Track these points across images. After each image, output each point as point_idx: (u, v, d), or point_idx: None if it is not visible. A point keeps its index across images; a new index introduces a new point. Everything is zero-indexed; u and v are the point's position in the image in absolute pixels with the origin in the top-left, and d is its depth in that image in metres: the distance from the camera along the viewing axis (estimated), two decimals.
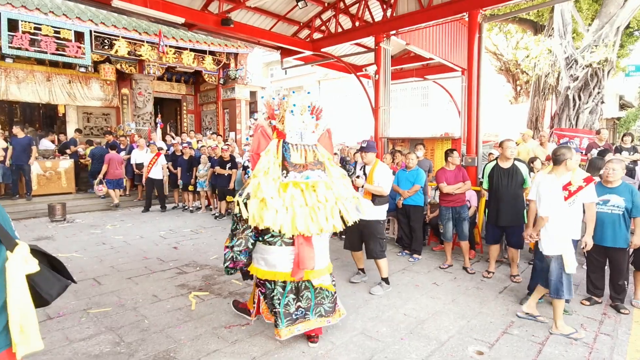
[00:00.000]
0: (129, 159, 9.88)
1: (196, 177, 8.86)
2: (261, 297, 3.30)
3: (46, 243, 6.32)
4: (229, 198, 8.15)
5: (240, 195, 3.07)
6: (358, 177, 4.54)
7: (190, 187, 9.05)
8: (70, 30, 9.42)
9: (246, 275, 3.42)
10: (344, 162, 6.41)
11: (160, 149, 9.49)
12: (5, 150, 8.44)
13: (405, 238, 5.89)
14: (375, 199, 4.33)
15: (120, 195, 10.25)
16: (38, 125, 13.79)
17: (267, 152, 3.14)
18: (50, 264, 1.49)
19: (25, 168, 8.78)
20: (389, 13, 8.84)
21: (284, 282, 3.07)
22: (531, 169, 5.63)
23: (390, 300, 4.10)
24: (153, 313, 3.72)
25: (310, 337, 3.19)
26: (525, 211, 4.66)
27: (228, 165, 8.07)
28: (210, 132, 13.44)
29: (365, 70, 9.11)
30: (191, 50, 11.92)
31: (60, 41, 9.32)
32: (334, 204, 3.12)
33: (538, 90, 11.93)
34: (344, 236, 6.63)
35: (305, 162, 3.16)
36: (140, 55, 10.99)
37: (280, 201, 2.92)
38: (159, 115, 11.95)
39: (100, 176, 9.31)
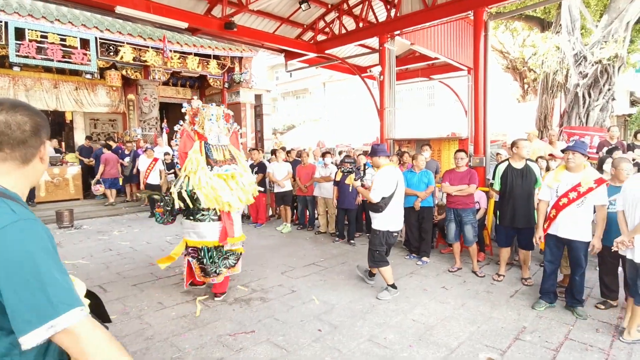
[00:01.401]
0: (134, 165, 9.92)
1: None
2: (192, 263, 4.21)
3: None
4: None
5: (175, 186, 4.09)
6: (360, 178, 4.47)
7: None
8: (76, 37, 9.48)
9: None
10: (352, 164, 6.31)
11: (166, 154, 9.50)
12: None
13: (414, 241, 5.79)
14: (370, 205, 4.26)
15: (127, 201, 10.32)
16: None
17: (194, 151, 4.06)
18: (93, 302, 1.32)
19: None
20: (393, 13, 8.76)
21: (209, 247, 4.11)
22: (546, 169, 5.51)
23: (398, 305, 4.02)
24: (158, 321, 3.68)
25: (215, 294, 4.20)
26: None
27: None
28: None
29: (370, 71, 9.05)
30: (196, 54, 11.94)
31: (66, 49, 9.39)
32: (247, 187, 4.23)
33: (546, 88, 11.73)
34: (352, 241, 6.62)
35: (224, 158, 4.18)
36: (146, 61, 11.04)
37: (212, 182, 3.97)
38: (165, 120, 11.98)
39: (98, 176, 9.56)
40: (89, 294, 1.27)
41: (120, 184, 10.27)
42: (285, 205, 7.81)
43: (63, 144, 11.88)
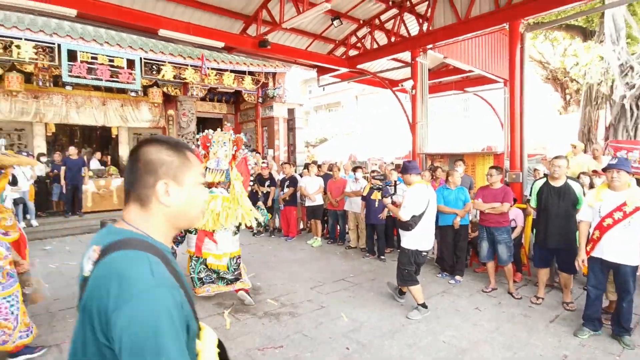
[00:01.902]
0: None
1: None
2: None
3: None
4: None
5: None
6: (392, 195, 4.45)
7: None
8: (123, 58, 10.11)
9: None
10: (382, 180, 6.29)
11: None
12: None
13: (449, 259, 5.63)
14: (400, 222, 4.21)
15: None
16: (95, 146, 14.82)
17: None
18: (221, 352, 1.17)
19: (79, 187, 9.46)
20: (425, 27, 8.73)
21: (197, 257, 4.59)
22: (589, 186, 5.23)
23: (428, 326, 3.92)
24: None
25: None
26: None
27: (267, 183, 8.18)
28: (250, 149, 13.81)
29: (402, 85, 9.03)
30: (231, 71, 12.37)
31: (114, 69, 10.02)
32: (234, 210, 4.46)
33: (590, 100, 11.18)
34: (383, 257, 6.54)
35: (215, 181, 4.55)
36: (185, 78, 11.56)
37: None
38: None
39: None
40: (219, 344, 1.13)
41: None
42: (315, 219, 7.86)
43: (109, 157, 12.58)
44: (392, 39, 9.50)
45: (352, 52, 10.55)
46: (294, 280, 5.42)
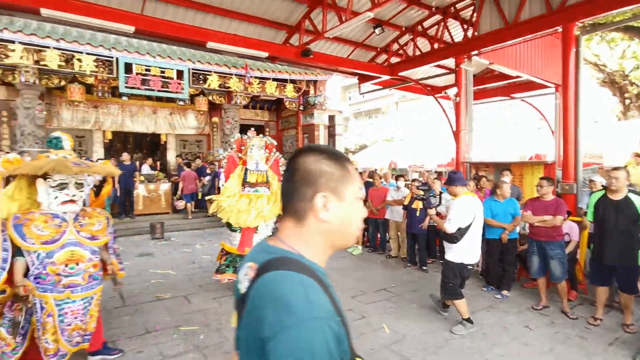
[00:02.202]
0: (213, 183, 10.71)
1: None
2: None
3: (148, 259, 7.06)
4: None
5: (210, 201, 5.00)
6: (437, 205, 4.36)
7: None
8: (173, 69, 10.66)
9: None
10: (426, 190, 6.18)
11: None
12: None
13: (494, 272, 5.41)
14: (444, 234, 4.10)
15: (207, 216, 11.14)
16: (145, 152, 15.71)
17: (233, 177, 5.01)
18: None
19: (131, 191, 10.07)
20: (470, 33, 8.53)
21: (233, 253, 5.03)
22: None
23: (474, 342, 3.79)
24: (234, 336, 3.89)
25: None
26: None
27: None
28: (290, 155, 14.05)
29: (445, 92, 8.84)
30: (274, 79, 12.67)
31: (165, 79, 10.60)
32: (276, 206, 4.97)
33: None
34: (425, 267, 6.41)
35: (257, 182, 4.98)
36: (229, 87, 11.98)
37: (238, 205, 4.85)
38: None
39: (179, 192, 10.45)
40: None
41: (199, 197, 11.13)
42: None
43: (158, 163, 13.26)
44: (435, 46, 9.35)
45: (394, 60, 10.49)
46: (335, 288, 5.41)
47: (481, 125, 20.06)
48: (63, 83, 10.07)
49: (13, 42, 8.58)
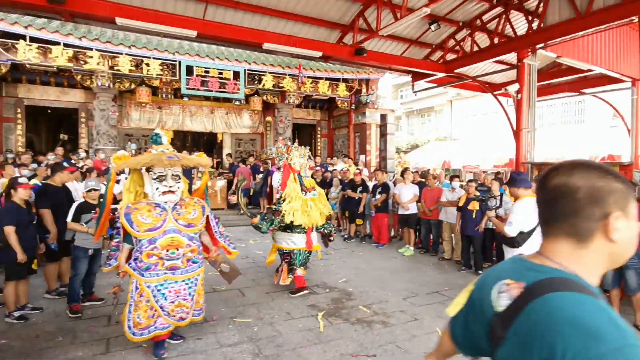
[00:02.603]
0: (265, 182, 10.99)
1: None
2: (285, 265, 5.27)
3: None
4: (358, 221, 8.32)
5: (280, 205, 5.16)
6: (497, 208, 4.16)
7: None
8: (230, 70, 11.13)
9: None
10: (483, 191, 5.91)
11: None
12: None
13: None
14: (504, 238, 3.88)
15: (261, 213, 11.47)
16: (202, 150, 16.54)
17: (291, 181, 5.27)
18: None
19: (190, 187, 10.63)
20: (535, 25, 8.01)
21: (300, 251, 5.22)
22: None
23: None
24: (286, 330, 4.00)
25: (292, 292, 5.09)
26: None
27: (359, 189, 8.25)
28: (342, 155, 14.08)
29: (505, 89, 8.38)
30: (326, 79, 12.78)
31: (222, 80, 11.09)
32: (324, 210, 5.36)
33: None
34: (480, 272, 6.14)
35: (309, 186, 5.36)
36: (283, 87, 12.26)
37: (307, 207, 5.17)
38: (296, 140, 13.05)
39: (233, 187, 10.83)
40: None
41: (251, 193, 11.50)
42: (409, 227, 7.68)
43: (215, 161, 13.90)
44: (496, 40, 8.89)
45: (450, 56, 10.13)
46: (386, 289, 5.37)
47: (544, 125, 18.75)
48: (133, 86, 10.90)
49: (91, 49, 9.44)
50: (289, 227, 5.15)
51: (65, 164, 5.27)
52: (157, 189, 3.38)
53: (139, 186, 3.57)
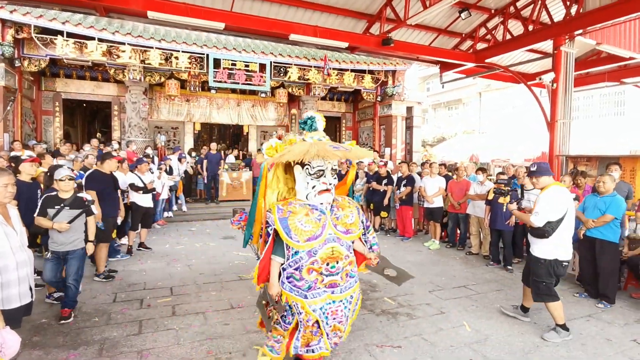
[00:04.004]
0: None
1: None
2: None
3: (231, 242, 7.57)
4: (383, 213, 8.25)
5: None
6: (520, 199, 4.01)
7: None
8: (256, 63, 11.21)
9: None
10: (506, 184, 5.74)
11: None
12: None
13: (588, 279, 4.85)
14: (532, 229, 3.75)
15: None
16: (228, 142, 16.82)
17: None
18: None
19: (217, 178, 10.87)
20: (573, 10, 7.63)
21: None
22: None
23: (570, 352, 3.44)
24: None
25: None
26: None
27: (384, 182, 8.17)
28: (367, 147, 13.97)
29: (540, 79, 8.05)
30: (352, 70, 12.66)
31: (248, 73, 11.19)
32: None
33: None
34: (510, 267, 5.97)
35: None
36: (308, 79, 12.24)
37: None
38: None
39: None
40: None
41: None
42: (434, 221, 7.56)
43: (240, 152, 14.11)
44: (530, 28, 8.53)
45: (480, 46, 9.81)
46: (411, 281, 5.26)
47: (580, 117, 17.94)
48: (162, 79, 11.17)
49: (123, 43, 9.72)
50: None
51: (113, 153, 5.81)
52: (313, 187, 2.67)
53: (282, 182, 2.97)
